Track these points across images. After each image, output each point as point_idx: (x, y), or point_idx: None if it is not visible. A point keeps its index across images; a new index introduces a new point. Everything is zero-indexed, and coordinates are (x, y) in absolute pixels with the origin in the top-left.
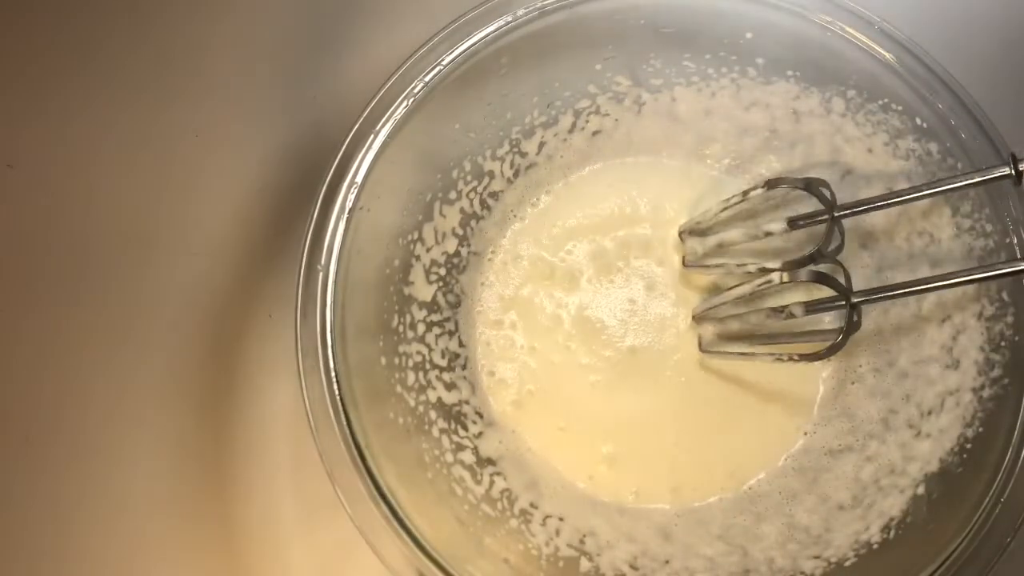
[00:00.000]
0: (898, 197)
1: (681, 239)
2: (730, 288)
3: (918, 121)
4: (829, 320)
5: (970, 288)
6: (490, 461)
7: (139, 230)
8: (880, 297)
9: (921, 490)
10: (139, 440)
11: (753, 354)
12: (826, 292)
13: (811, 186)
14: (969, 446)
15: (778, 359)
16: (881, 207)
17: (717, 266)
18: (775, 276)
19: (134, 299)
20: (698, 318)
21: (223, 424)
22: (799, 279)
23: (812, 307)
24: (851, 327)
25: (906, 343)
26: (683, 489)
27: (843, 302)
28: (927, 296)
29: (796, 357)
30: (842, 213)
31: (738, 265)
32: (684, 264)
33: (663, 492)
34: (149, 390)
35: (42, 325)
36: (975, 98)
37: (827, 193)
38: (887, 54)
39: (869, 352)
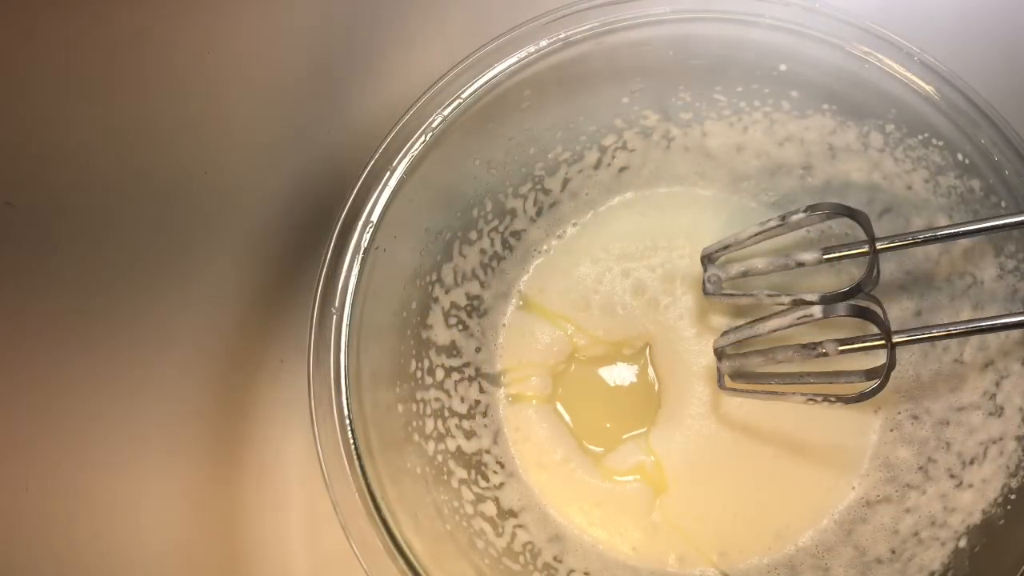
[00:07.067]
0: (941, 231)
1: (703, 265)
2: (757, 320)
3: (960, 157)
4: (858, 361)
5: (1015, 332)
6: (512, 513)
7: (146, 271)
8: (922, 338)
9: (963, 543)
10: (147, 488)
11: (783, 393)
12: (865, 329)
13: (854, 214)
14: (1013, 497)
15: (811, 400)
16: (924, 242)
17: (744, 295)
18: (815, 310)
19: (142, 343)
20: (719, 352)
21: (232, 474)
22: (842, 313)
23: (848, 345)
24: (891, 368)
25: (945, 389)
26: (730, 552)
27: (882, 342)
28: (969, 340)
29: (833, 399)
30: (885, 246)
31: (769, 295)
32: (704, 292)
33: (709, 556)
34: (157, 437)
35: (47, 371)
36: (1020, 133)
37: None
38: (928, 87)
39: (907, 399)
